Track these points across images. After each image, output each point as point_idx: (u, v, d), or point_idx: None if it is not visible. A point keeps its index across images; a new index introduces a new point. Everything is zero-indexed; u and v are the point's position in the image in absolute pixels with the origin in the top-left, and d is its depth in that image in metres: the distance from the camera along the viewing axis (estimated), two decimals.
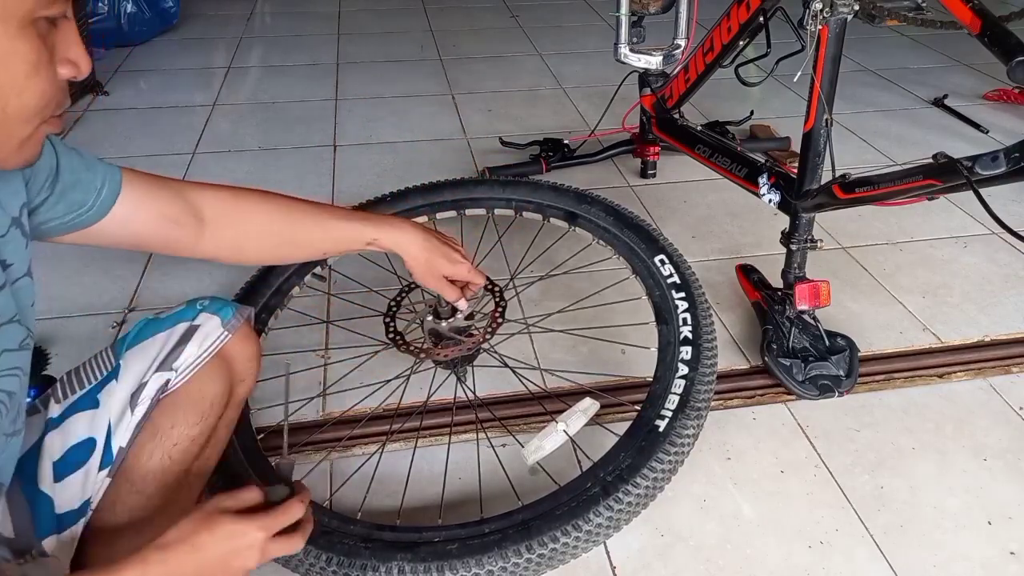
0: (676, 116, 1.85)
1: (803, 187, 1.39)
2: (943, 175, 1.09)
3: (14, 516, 0.81)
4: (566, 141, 2.20)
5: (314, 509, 1.06)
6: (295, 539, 0.81)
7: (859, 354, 1.44)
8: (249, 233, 1.02)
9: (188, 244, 0.96)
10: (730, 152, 1.62)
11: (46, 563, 0.82)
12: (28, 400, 0.97)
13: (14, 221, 0.73)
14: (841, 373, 1.40)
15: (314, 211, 1.09)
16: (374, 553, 0.98)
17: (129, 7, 3.01)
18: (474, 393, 1.32)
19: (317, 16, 3.56)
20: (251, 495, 0.80)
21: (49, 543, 0.84)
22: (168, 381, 0.91)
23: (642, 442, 1.08)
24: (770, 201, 1.47)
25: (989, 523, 1.18)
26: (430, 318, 1.30)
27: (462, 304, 1.16)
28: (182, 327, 0.96)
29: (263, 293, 1.41)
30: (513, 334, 1.50)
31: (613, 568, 1.11)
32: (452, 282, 1.15)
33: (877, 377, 1.45)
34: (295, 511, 0.82)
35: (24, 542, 0.82)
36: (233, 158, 2.27)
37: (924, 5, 1.28)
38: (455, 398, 1.33)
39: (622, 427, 1.15)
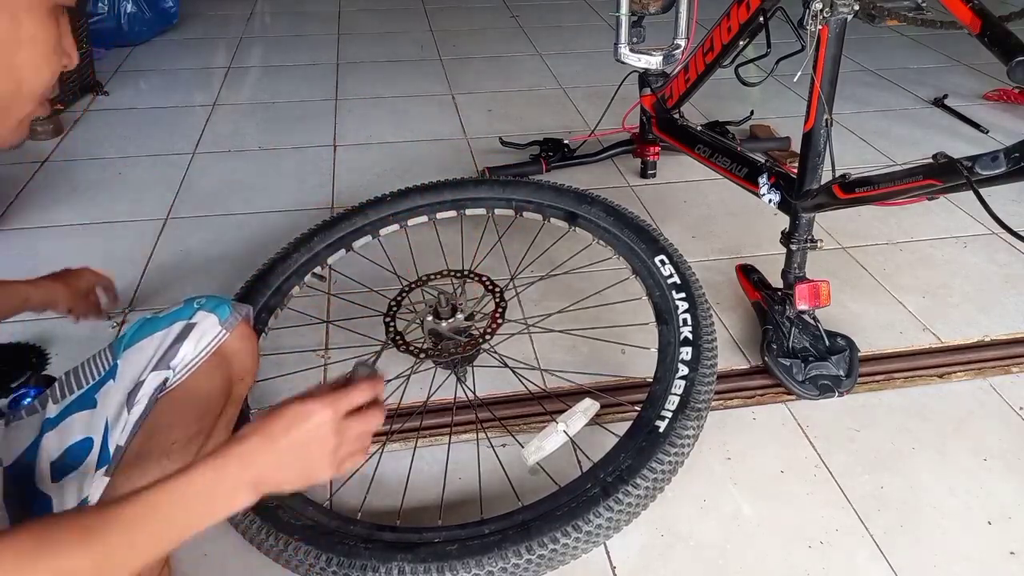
0: (676, 116, 1.85)
1: (803, 187, 1.39)
2: (943, 175, 1.09)
3: (12, 516, 0.81)
4: (566, 141, 2.20)
5: (314, 509, 1.06)
6: (372, 415, 0.79)
7: (859, 354, 1.44)
8: None
9: None
10: (730, 152, 1.62)
11: None
12: (28, 400, 0.97)
13: None
14: (841, 373, 1.40)
15: None
16: (374, 553, 0.98)
17: (129, 7, 3.01)
18: (474, 393, 1.32)
19: (317, 16, 3.56)
20: (317, 389, 0.78)
21: None
22: (166, 380, 0.91)
23: (642, 443, 1.08)
24: (770, 201, 1.47)
25: (989, 523, 1.18)
26: (430, 318, 1.30)
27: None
28: (179, 326, 0.96)
29: (263, 293, 1.41)
30: (513, 334, 1.50)
31: (613, 568, 1.11)
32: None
33: (877, 377, 1.45)
34: (363, 390, 0.78)
35: None
36: (233, 158, 2.27)
37: (924, 5, 1.28)
38: (455, 398, 1.33)
39: (622, 427, 1.15)
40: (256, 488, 0.71)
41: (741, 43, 1.58)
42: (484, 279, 1.37)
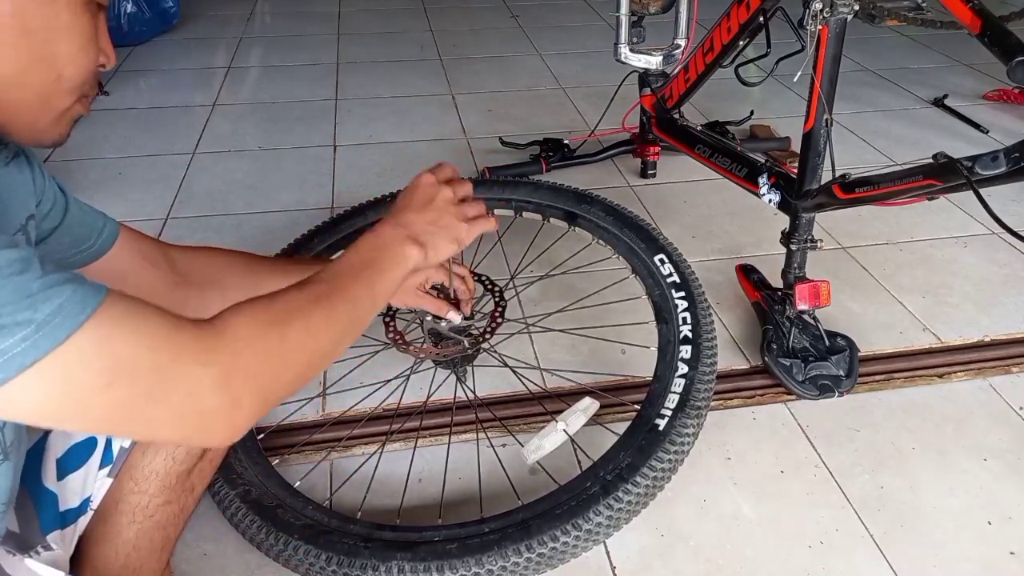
0: (676, 116, 1.85)
1: (803, 187, 1.39)
2: (943, 175, 1.09)
3: (19, 511, 0.82)
4: (566, 141, 2.20)
5: (314, 509, 1.06)
6: (463, 182, 0.94)
7: (859, 354, 1.44)
8: (216, 282, 1.03)
9: (160, 288, 0.97)
10: (730, 152, 1.62)
11: (51, 557, 0.82)
12: None
13: (21, 228, 0.73)
14: (841, 373, 1.40)
15: (277, 261, 1.13)
16: (374, 553, 0.98)
17: (129, 7, 3.02)
18: (474, 393, 1.32)
19: (317, 16, 3.56)
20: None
21: (53, 538, 0.84)
22: None
23: (642, 441, 1.08)
24: (770, 201, 1.47)
25: (989, 523, 1.18)
26: (430, 318, 1.30)
27: (453, 316, 1.15)
28: None
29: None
30: (513, 334, 1.50)
31: (613, 568, 1.11)
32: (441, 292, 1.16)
33: (877, 377, 1.45)
34: (446, 167, 0.95)
35: (29, 537, 0.82)
36: (233, 158, 2.27)
37: (924, 5, 1.28)
38: (455, 398, 1.33)
39: (622, 426, 1.15)
40: (415, 241, 0.84)
41: (741, 43, 1.58)
42: (484, 279, 1.37)
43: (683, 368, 1.18)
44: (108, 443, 0.90)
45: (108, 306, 0.57)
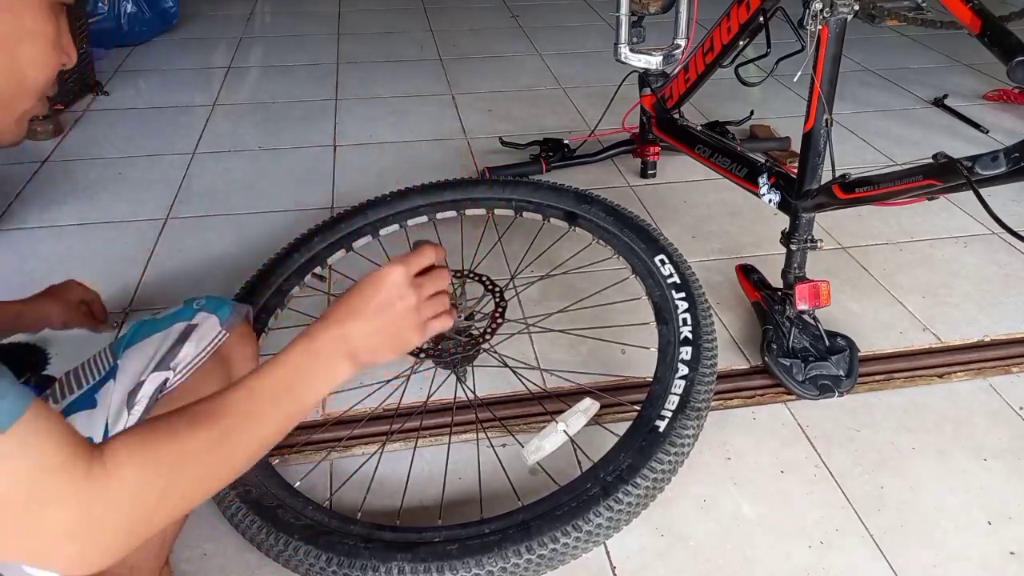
0: (676, 116, 1.85)
1: (803, 187, 1.39)
2: (943, 175, 1.09)
3: None
4: (566, 141, 2.20)
5: (314, 509, 1.06)
6: (439, 273, 0.83)
7: (859, 354, 1.44)
8: None
9: None
10: (730, 152, 1.62)
11: None
12: None
13: None
14: (841, 373, 1.40)
15: None
16: (374, 553, 0.98)
17: (129, 7, 3.01)
18: (474, 393, 1.32)
19: (317, 16, 3.56)
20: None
21: None
22: (166, 380, 0.92)
23: (642, 442, 1.08)
24: (770, 201, 1.47)
25: (989, 523, 1.18)
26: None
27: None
28: (179, 326, 0.96)
29: (263, 293, 1.41)
30: (513, 334, 1.50)
31: (613, 568, 1.11)
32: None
33: (877, 377, 1.45)
34: (425, 251, 0.83)
35: None
36: (233, 158, 2.27)
37: (924, 5, 1.28)
38: (455, 398, 1.33)
39: (622, 427, 1.15)
40: (353, 359, 0.76)
41: (741, 43, 1.58)
42: (484, 279, 1.37)
43: (683, 369, 1.18)
44: (104, 440, 0.89)
45: (12, 431, 0.54)
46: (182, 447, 0.64)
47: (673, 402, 1.13)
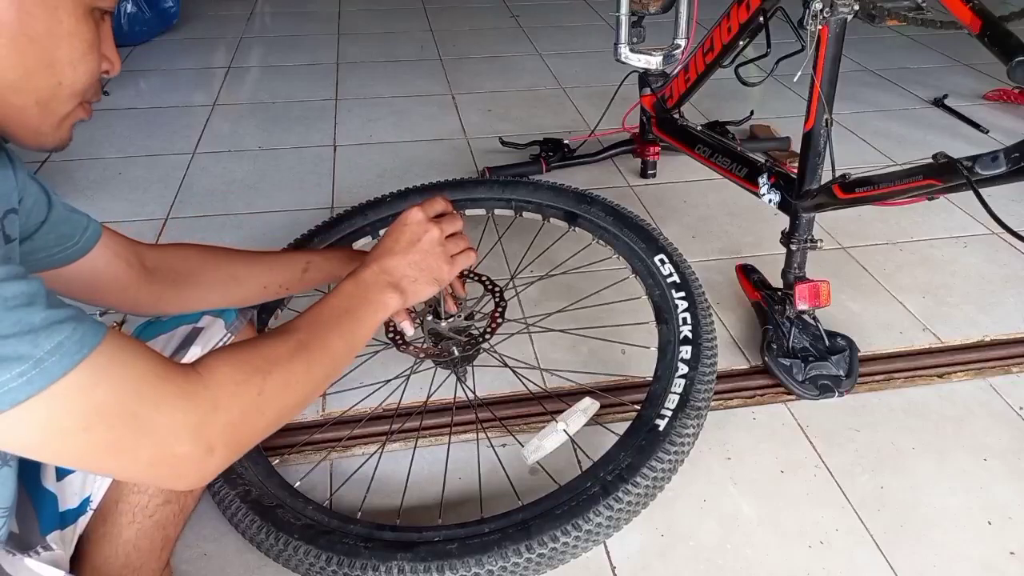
0: (676, 116, 1.85)
1: (803, 187, 1.39)
2: (943, 175, 1.09)
3: (18, 512, 0.82)
4: (566, 141, 2.20)
5: (314, 509, 1.06)
6: (453, 216, 0.94)
7: (859, 354, 1.44)
8: (189, 276, 1.03)
9: (135, 286, 0.97)
10: (730, 152, 1.62)
11: (51, 557, 0.82)
12: None
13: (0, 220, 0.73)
14: (841, 373, 1.40)
15: (253, 253, 1.13)
16: (374, 553, 0.98)
17: (129, 7, 3.01)
18: (474, 393, 1.32)
19: (317, 16, 3.56)
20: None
21: (53, 538, 0.84)
22: None
23: (642, 441, 1.08)
24: (770, 201, 1.47)
25: (989, 523, 1.18)
26: (430, 318, 1.30)
27: (407, 327, 1.08)
28: (184, 329, 0.96)
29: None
30: (513, 334, 1.50)
31: (613, 568, 1.11)
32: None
33: (877, 377, 1.45)
34: (437, 200, 0.94)
35: (29, 537, 0.82)
36: (233, 158, 2.27)
37: (924, 5, 1.28)
38: (455, 398, 1.33)
39: (622, 427, 1.15)
40: (396, 288, 0.85)
41: (741, 43, 1.58)
42: (484, 279, 1.37)
43: (683, 368, 1.18)
44: None
45: (103, 349, 0.58)
46: (264, 354, 0.70)
47: (673, 401, 1.13)
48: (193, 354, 0.94)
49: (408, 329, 1.07)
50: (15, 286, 0.55)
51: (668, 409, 1.12)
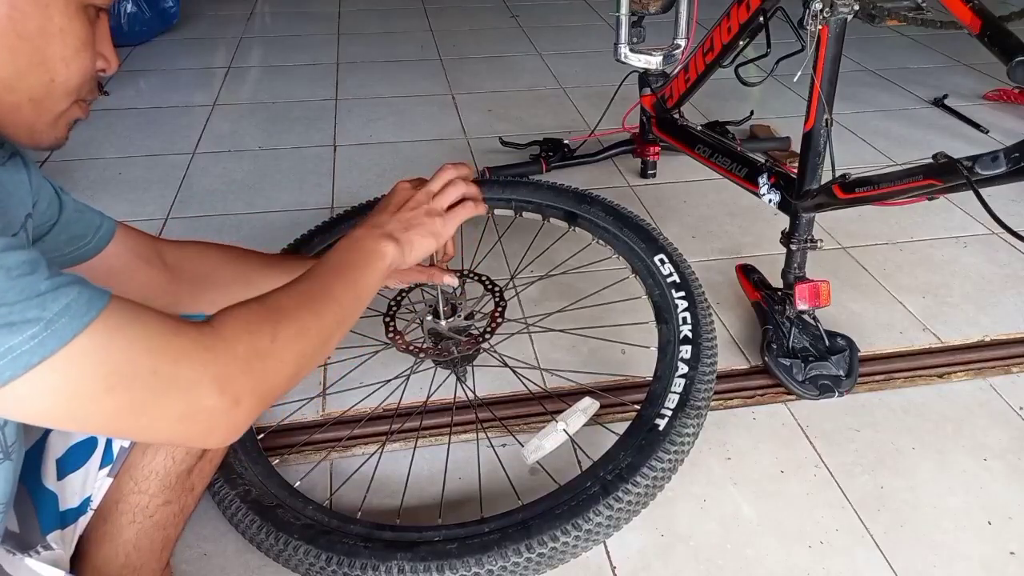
0: (676, 116, 1.85)
1: (803, 187, 1.39)
2: (943, 175, 1.09)
3: (19, 511, 0.82)
4: (566, 141, 2.20)
5: (314, 509, 1.06)
6: (456, 182, 0.95)
7: (859, 354, 1.44)
8: (206, 277, 1.03)
9: (153, 285, 0.97)
10: (730, 152, 1.62)
11: (52, 556, 0.82)
12: None
13: (22, 226, 0.74)
14: (841, 373, 1.40)
15: (266, 257, 1.12)
16: (374, 553, 0.98)
17: (129, 7, 3.02)
18: (474, 393, 1.32)
19: (317, 16, 3.56)
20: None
21: (53, 538, 0.84)
22: None
23: (642, 441, 1.08)
24: (770, 201, 1.47)
25: (989, 523, 1.18)
26: (430, 318, 1.30)
27: (449, 279, 1.09)
28: None
29: None
30: (513, 334, 1.50)
31: (613, 568, 1.11)
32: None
33: (877, 377, 1.45)
34: (445, 171, 0.95)
35: (29, 537, 0.82)
36: (233, 158, 2.27)
37: (924, 5, 1.28)
38: (455, 398, 1.33)
39: (622, 426, 1.14)
40: (391, 238, 0.86)
41: (741, 43, 1.58)
42: (484, 279, 1.37)
43: (683, 368, 1.18)
44: (108, 443, 0.90)
45: (111, 310, 0.58)
46: (271, 304, 0.70)
47: (673, 401, 1.13)
48: None
49: (452, 280, 1.08)
50: (16, 256, 0.54)
51: (668, 409, 1.12)
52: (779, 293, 1.47)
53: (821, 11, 1.25)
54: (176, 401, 0.60)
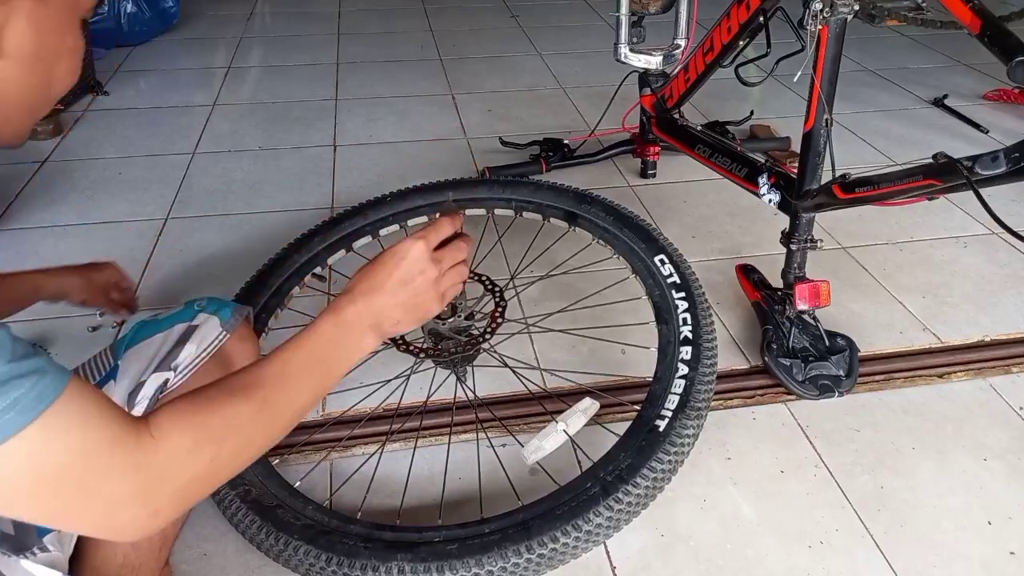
0: (676, 116, 1.85)
1: (803, 187, 1.39)
2: (943, 175, 1.09)
3: None
4: (566, 141, 2.20)
5: (314, 509, 1.06)
6: (459, 244, 0.85)
7: (859, 354, 1.44)
8: None
9: None
10: (730, 152, 1.62)
11: (48, 558, 0.82)
12: None
13: None
14: (841, 373, 1.40)
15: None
16: (374, 553, 0.98)
17: (129, 7, 3.01)
18: (474, 393, 1.32)
19: (317, 16, 3.56)
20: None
21: (50, 539, 0.84)
22: (167, 380, 0.92)
23: (642, 442, 1.08)
24: (770, 201, 1.47)
25: (989, 523, 1.18)
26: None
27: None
28: (180, 327, 0.96)
29: (263, 293, 1.41)
30: (513, 334, 1.50)
31: (613, 568, 1.11)
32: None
33: (877, 377, 1.45)
34: (444, 222, 0.84)
35: (24, 539, 0.82)
36: (233, 158, 2.27)
37: (924, 5, 1.28)
38: (455, 398, 1.33)
39: (622, 427, 1.15)
40: (378, 330, 0.79)
41: (741, 43, 1.58)
42: (484, 279, 1.37)
43: (683, 369, 1.17)
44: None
45: (58, 407, 0.56)
46: (224, 417, 0.67)
47: (673, 401, 1.13)
48: (188, 352, 0.94)
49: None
50: None
51: (668, 409, 1.12)
52: (779, 293, 1.47)
53: (821, 11, 1.25)
54: (95, 511, 0.60)
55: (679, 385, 1.15)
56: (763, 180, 1.49)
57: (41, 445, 0.55)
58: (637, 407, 1.17)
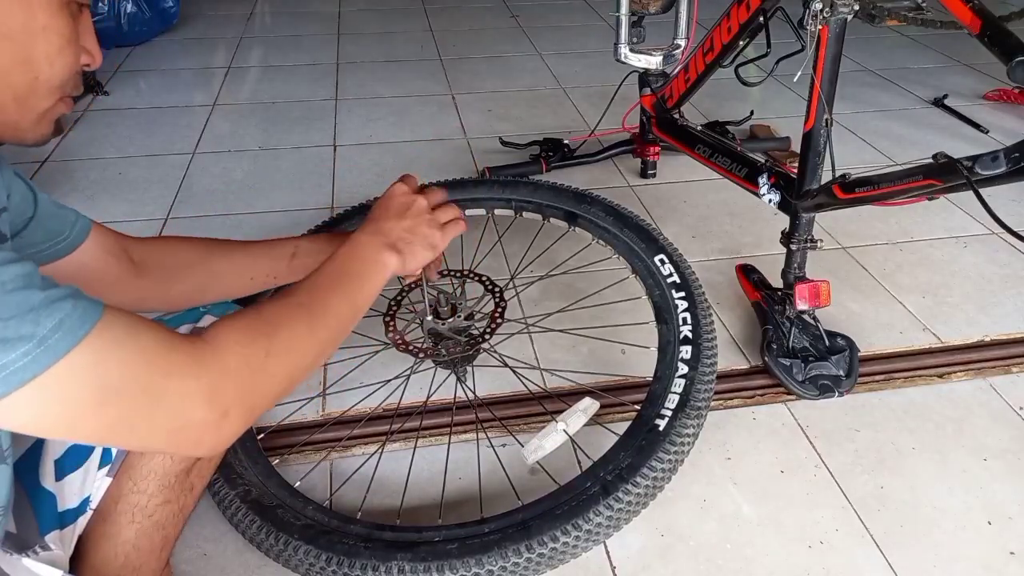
0: (676, 116, 1.85)
1: (803, 187, 1.39)
2: (943, 175, 1.09)
3: (17, 512, 0.82)
4: (566, 141, 2.20)
5: (314, 509, 1.06)
6: (435, 189, 0.99)
7: (859, 354, 1.44)
8: (172, 271, 1.02)
9: (124, 281, 0.96)
10: (730, 152, 1.62)
11: (50, 556, 0.82)
12: None
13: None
14: (841, 373, 1.40)
15: (236, 245, 1.11)
16: (374, 553, 0.98)
17: (129, 7, 3.01)
18: (474, 393, 1.32)
19: (317, 16, 3.56)
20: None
21: (52, 538, 0.84)
22: None
23: (642, 441, 1.08)
24: (770, 201, 1.47)
25: (989, 523, 1.18)
26: (430, 318, 1.30)
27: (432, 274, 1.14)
28: (186, 328, 0.96)
29: (263, 293, 1.41)
30: (513, 334, 1.50)
31: (613, 568, 1.11)
32: None
33: (877, 377, 1.45)
34: (410, 177, 0.99)
35: (27, 537, 0.82)
36: (233, 158, 2.27)
37: (924, 5, 1.28)
38: (455, 398, 1.33)
39: (622, 427, 1.15)
40: (393, 248, 0.88)
41: (741, 43, 1.58)
42: (484, 279, 1.37)
43: (683, 368, 1.18)
44: None
45: (105, 323, 0.58)
46: (266, 317, 0.71)
47: (673, 401, 1.13)
48: None
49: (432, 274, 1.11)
50: (10, 269, 0.54)
51: (668, 409, 1.12)
52: (779, 293, 1.47)
53: (821, 11, 1.25)
54: (166, 415, 0.61)
55: (679, 385, 1.15)
56: (763, 180, 1.49)
57: (98, 357, 0.57)
58: (637, 407, 1.17)
